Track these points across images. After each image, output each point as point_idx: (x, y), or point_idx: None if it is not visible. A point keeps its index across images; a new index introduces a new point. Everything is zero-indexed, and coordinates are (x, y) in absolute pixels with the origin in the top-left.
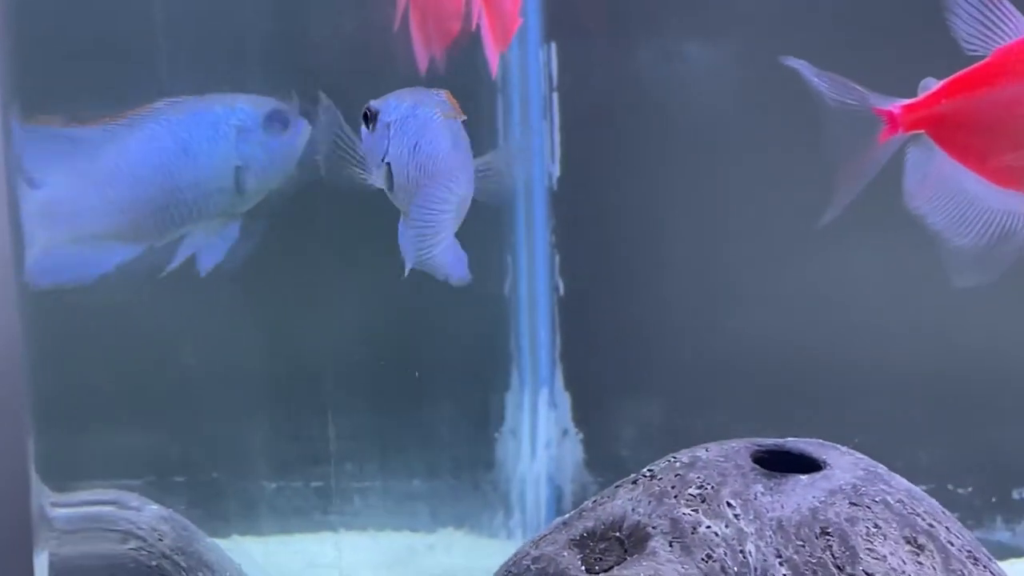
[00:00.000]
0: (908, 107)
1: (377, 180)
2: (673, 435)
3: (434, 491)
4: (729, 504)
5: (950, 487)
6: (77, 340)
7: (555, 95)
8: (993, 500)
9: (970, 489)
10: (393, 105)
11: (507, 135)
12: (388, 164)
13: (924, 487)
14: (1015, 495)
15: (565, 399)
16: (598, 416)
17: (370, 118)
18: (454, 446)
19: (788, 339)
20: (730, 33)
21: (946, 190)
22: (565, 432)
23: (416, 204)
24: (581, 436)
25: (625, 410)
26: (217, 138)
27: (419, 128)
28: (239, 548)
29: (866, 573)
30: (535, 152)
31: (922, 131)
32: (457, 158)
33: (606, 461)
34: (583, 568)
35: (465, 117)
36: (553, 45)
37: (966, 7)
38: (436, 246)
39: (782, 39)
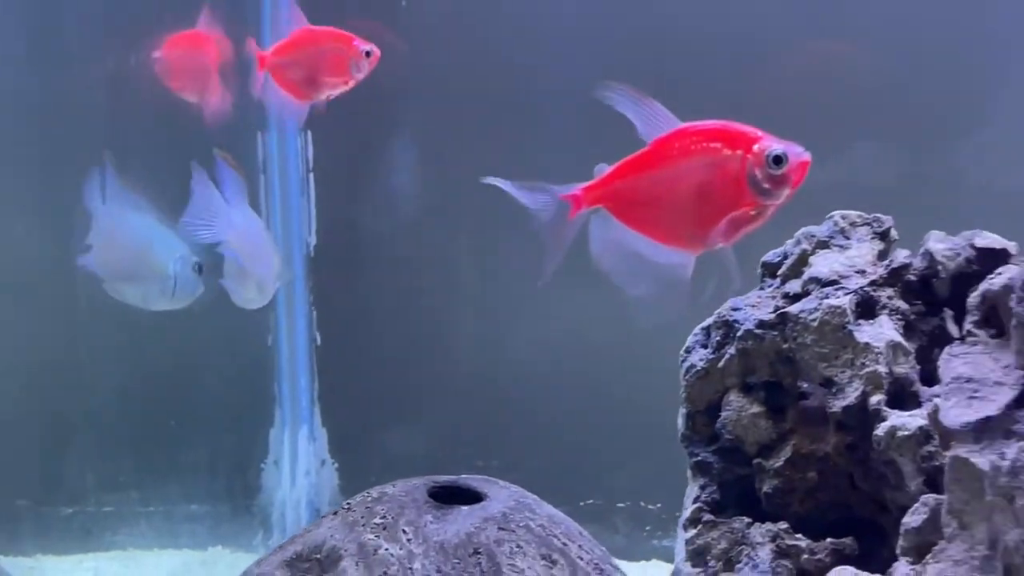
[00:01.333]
0: (586, 189)
1: None
2: (414, 462)
3: (208, 514)
4: (404, 531)
5: (642, 504)
6: None
7: (311, 175)
8: (677, 514)
9: (659, 505)
10: None
11: (270, 210)
12: None
13: (622, 504)
14: None
15: (323, 434)
16: (352, 448)
17: None
18: (226, 475)
19: (515, 380)
20: (464, 118)
21: (622, 251)
22: (323, 462)
23: None
24: (337, 466)
25: (375, 443)
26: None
27: None
28: (40, 566)
29: None
30: (295, 224)
31: (600, 206)
32: None
33: (358, 487)
34: None
35: None
36: (309, 133)
37: (628, 107)
38: None
39: (489, 126)
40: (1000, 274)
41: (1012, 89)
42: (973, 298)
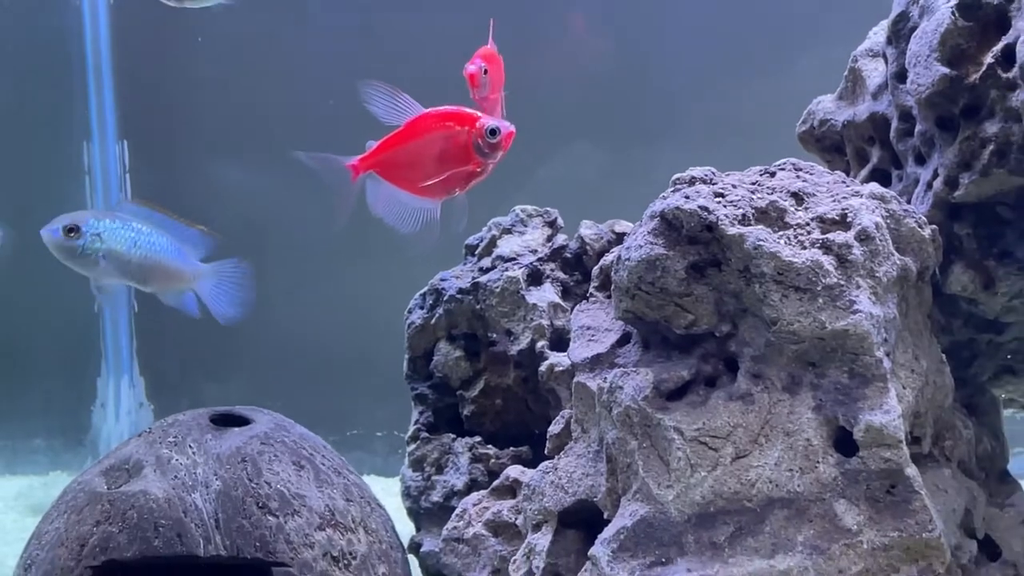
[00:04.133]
0: (361, 159)
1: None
2: (214, 403)
3: (50, 447)
4: (190, 446)
5: (396, 432)
6: None
7: (128, 176)
8: None
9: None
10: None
11: (94, 204)
12: None
13: (380, 433)
14: None
15: (141, 381)
16: (165, 393)
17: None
18: (64, 415)
19: (300, 340)
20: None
21: (391, 202)
22: (141, 404)
23: None
24: (153, 407)
25: (183, 389)
26: None
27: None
28: None
29: (266, 482)
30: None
31: (372, 171)
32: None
33: None
34: (106, 487)
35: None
36: (125, 142)
37: (383, 100)
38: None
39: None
40: (612, 252)
41: (698, 99)
42: (595, 269)
